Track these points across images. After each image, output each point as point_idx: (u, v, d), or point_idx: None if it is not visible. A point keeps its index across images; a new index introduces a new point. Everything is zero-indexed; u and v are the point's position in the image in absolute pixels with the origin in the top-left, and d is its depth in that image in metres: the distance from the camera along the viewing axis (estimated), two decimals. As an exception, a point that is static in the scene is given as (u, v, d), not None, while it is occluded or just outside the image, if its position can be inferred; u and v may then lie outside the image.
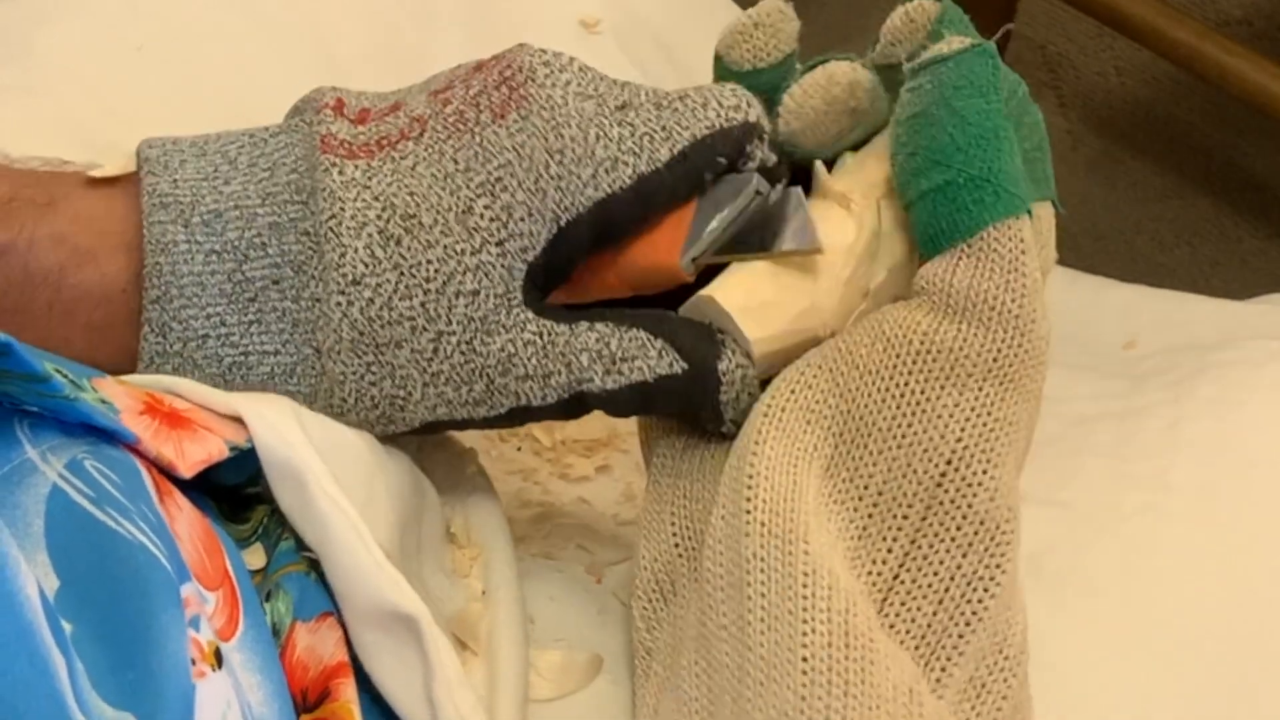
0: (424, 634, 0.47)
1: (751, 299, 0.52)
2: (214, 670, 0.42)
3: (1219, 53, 1.29)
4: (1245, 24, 1.54)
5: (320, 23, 0.78)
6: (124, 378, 0.50)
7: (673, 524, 0.52)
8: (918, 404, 0.48)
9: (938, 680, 0.47)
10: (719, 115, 0.53)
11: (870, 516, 0.48)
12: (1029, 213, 0.50)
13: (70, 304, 0.51)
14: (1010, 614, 0.48)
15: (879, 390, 0.49)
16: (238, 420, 0.49)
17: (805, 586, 0.45)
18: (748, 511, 0.47)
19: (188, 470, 0.47)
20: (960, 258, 0.50)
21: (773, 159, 0.54)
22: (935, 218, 0.50)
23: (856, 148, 0.56)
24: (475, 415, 0.53)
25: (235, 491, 0.51)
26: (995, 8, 1.43)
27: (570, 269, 0.52)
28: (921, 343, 0.49)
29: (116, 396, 0.47)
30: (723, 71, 0.56)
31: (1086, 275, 0.82)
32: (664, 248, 0.52)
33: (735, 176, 0.53)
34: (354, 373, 0.51)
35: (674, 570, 0.51)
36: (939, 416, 0.48)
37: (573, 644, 0.56)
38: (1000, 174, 0.50)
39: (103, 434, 0.46)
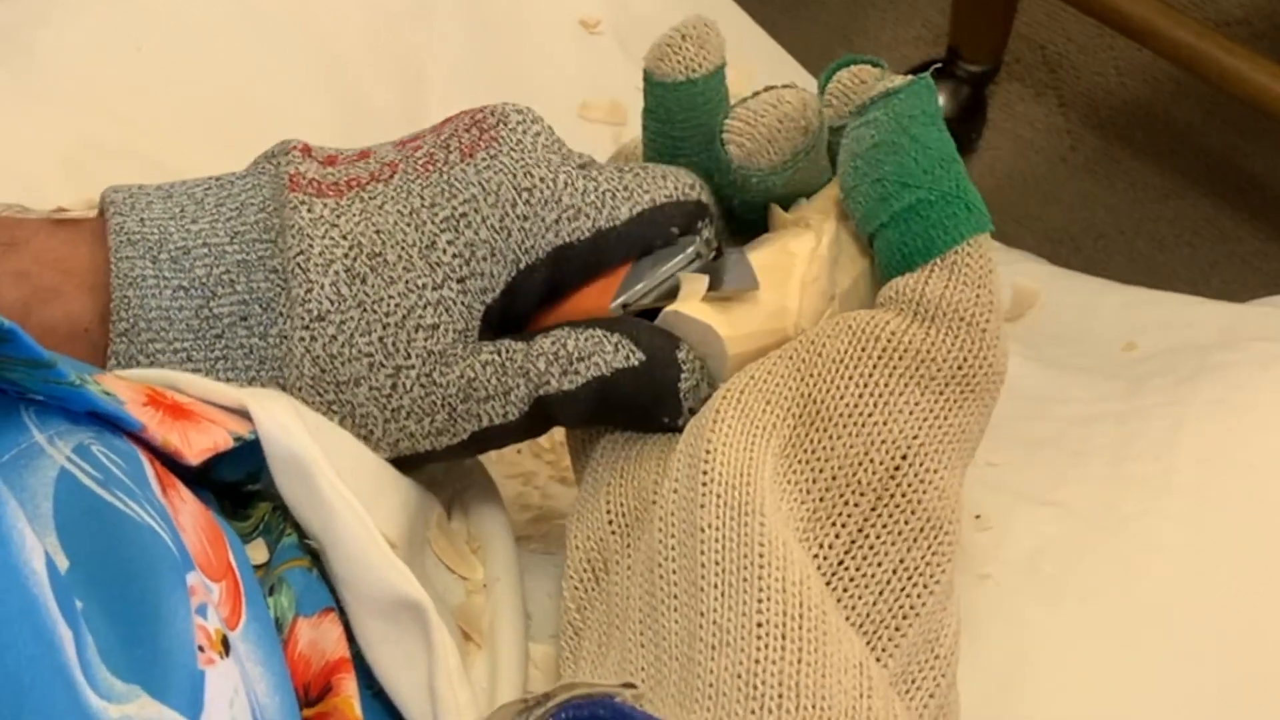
0: (430, 622, 0.47)
1: (722, 305, 0.52)
2: (222, 658, 0.42)
3: (1219, 53, 1.29)
4: (1245, 24, 1.54)
5: (320, 22, 0.78)
6: (124, 373, 0.50)
7: (607, 503, 0.52)
8: (880, 395, 0.49)
9: None
10: (677, 189, 0.54)
11: (821, 500, 0.48)
12: (993, 230, 0.51)
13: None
14: (945, 615, 0.49)
15: (843, 378, 0.49)
16: (239, 414, 0.49)
17: (761, 557, 0.45)
18: (704, 484, 0.47)
19: (195, 457, 0.47)
20: (933, 271, 0.50)
21: (715, 244, 0.54)
22: (909, 236, 0.50)
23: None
24: (438, 445, 0.53)
25: (236, 489, 0.52)
26: (995, 8, 1.43)
27: (523, 321, 0.53)
28: (890, 339, 0.50)
29: (119, 389, 0.47)
30: (655, 88, 0.55)
31: (1086, 276, 0.82)
32: (594, 296, 0.53)
33: (678, 243, 0.54)
34: (316, 410, 0.51)
35: (606, 549, 0.51)
36: (899, 411, 0.49)
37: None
38: (967, 191, 0.51)
39: (107, 424, 0.46)
